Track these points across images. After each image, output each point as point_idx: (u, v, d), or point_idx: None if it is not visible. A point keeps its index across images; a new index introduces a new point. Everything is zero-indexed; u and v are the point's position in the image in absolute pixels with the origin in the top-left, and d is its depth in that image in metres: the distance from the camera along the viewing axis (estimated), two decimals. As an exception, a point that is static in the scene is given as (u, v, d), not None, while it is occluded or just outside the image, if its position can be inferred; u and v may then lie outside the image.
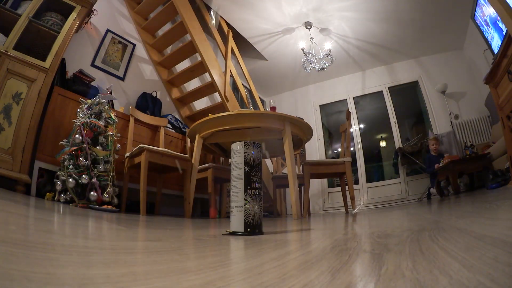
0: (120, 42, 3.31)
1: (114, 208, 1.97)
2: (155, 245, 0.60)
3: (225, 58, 3.74)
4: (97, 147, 2.04)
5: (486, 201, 1.45)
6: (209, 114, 2.29)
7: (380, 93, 5.23)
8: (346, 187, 2.84)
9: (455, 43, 4.55)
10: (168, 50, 3.86)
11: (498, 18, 2.22)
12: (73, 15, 2.32)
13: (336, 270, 0.32)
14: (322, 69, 4.27)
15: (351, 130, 5.07)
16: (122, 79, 3.25)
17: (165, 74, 3.75)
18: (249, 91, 4.63)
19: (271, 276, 0.31)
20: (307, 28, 4.24)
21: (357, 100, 5.49)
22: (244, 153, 0.92)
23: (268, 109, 2.60)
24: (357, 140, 5.18)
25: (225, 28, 4.03)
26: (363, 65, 5.30)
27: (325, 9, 3.92)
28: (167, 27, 3.72)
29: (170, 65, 3.78)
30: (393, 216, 1.50)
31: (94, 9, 2.63)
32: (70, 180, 1.84)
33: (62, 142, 2.00)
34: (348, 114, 2.90)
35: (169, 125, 3.26)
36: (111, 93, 2.38)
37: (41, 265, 0.30)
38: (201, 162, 2.96)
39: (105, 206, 1.92)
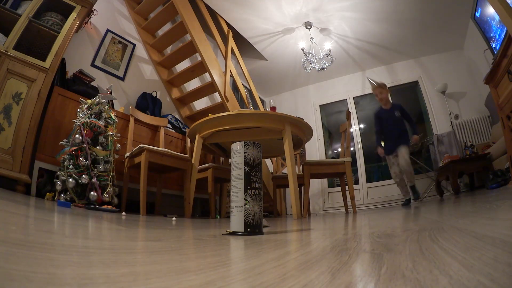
0: (120, 42, 3.31)
1: (114, 208, 1.97)
2: (155, 245, 0.60)
3: (225, 58, 3.74)
4: (97, 147, 2.04)
5: (486, 201, 1.45)
6: (209, 114, 2.29)
7: (380, 93, 5.22)
8: (346, 187, 2.84)
9: (455, 43, 4.55)
10: (168, 50, 3.86)
11: (498, 18, 2.22)
12: (73, 15, 2.32)
13: (336, 270, 0.32)
14: (322, 69, 4.27)
15: (351, 130, 5.07)
16: (122, 79, 3.25)
17: (165, 74, 3.75)
18: (249, 91, 4.63)
19: (271, 276, 0.31)
20: (307, 28, 4.24)
21: (357, 100, 5.49)
22: (244, 153, 0.92)
23: (268, 109, 2.60)
24: (357, 140, 5.18)
25: (225, 28, 4.03)
26: (363, 65, 5.30)
27: (325, 9, 3.92)
28: (167, 27, 3.72)
29: (170, 65, 3.78)
30: (393, 216, 1.50)
31: (94, 9, 2.63)
32: (70, 180, 1.84)
33: (62, 142, 2.00)
34: (348, 114, 2.90)
35: (169, 125, 3.26)
36: (111, 93, 2.38)
37: (41, 265, 0.30)
38: (201, 162, 2.96)
39: (105, 206, 1.92)
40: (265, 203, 3.55)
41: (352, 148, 5.17)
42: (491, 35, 2.70)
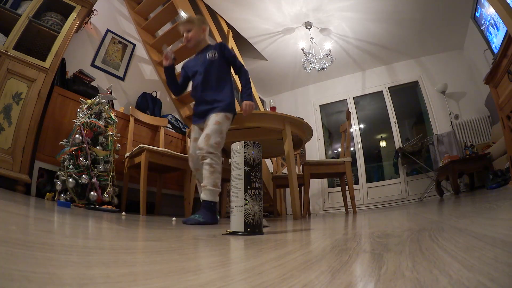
0: (120, 42, 3.31)
1: (114, 208, 1.98)
2: (155, 245, 0.60)
3: (225, 58, 3.74)
4: (97, 147, 2.04)
5: (486, 201, 1.45)
6: (209, 114, 2.29)
7: (380, 93, 5.24)
8: (346, 187, 2.84)
9: (455, 43, 4.55)
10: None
11: (498, 18, 2.22)
12: (73, 15, 2.32)
13: (336, 270, 0.32)
14: (322, 69, 4.27)
15: (351, 130, 5.07)
16: (122, 79, 3.25)
17: (165, 74, 3.75)
18: (249, 91, 4.63)
19: (271, 276, 0.31)
20: (307, 28, 4.24)
21: (357, 100, 5.50)
22: (244, 153, 0.92)
23: (268, 109, 2.60)
24: (357, 140, 5.18)
25: (225, 28, 4.03)
26: (363, 65, 5.30)
27: (325, 9, 3.92)
28: (167, 27, 3.72)
29: (170, 65, 3.77)
30: (393, 216, 1.50)
31: (94, 9, 2.63)
32: (70, 180, 1.84)
33: (62, 142, 2.00)
34: (348, 114, 2.90)
35: (169, 125, 3.26)
36: (111, 93, 2.38)
37: (41, 265, 0.30)
38: (201, 162, 2.95)
39: (105, 206, 1.92)
40: (265, 203, 3.55)
41: (352, 148, 5.17)
42: (481, 22, 2.72)
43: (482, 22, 2.72)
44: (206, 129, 1.69)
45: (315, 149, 5.50)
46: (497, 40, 2.48)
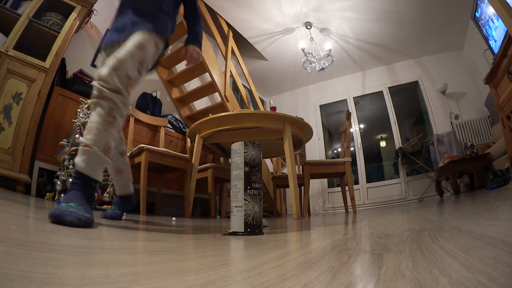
0: (120, 42, 3.31)
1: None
2: (155, 245, 0.60)
3: (225, 58, 3.74)
4: (97, 147, 2.03)
5: (486, 201, 1.45)
6: (209, 114, 2.29)
7: (380, 93, 5.24)
8: (346, 187, 2.84)
9: (455, 43, 4.55)
10: (168, 50, 3.86)
11: (498, 18, 2.22)
12: (73, 15, 2.32)
13: (336, 270, 0.32)
14: (322, 69, 4.27)
15: (351, 130, 5.07)
16: (122, 79, 3.25)
17: (165, 74, 3.75)
18: (249, 91, 4.63)
19: (271, 276, 0.31)
20: (307, 28, 4.24)
21: (357, 100, 5.50)
22: (244, 153, 0.92)
23: (268, 109, 2.60)
24: (357, 140, 5.18)
25: (225, 28, 4.03)
26: (363, 65, 5.30)
27: (325, 9, 3.92)
28: (167, 27, 3.71)
29: (170, 65, 3.78)
30: (393, 216, 1.50)
31: (94, 9, 2.63)
32: (70, 180, 1.84)
33: (62, 142, 2.00)
34: (348, 114, 2.90)
35: (169, 125, 3.26)
36: (111, 93, 2.38)
37: (41, 265, 0.30)
38: (201, 162, 2.96)
39: (105, 206, 1.92)
40: (265, 203, 3.55)
41: (352, 148, 5.17)
42: (482, 17, 2.73)
43: (482, 17, 2.72)
44: (119, 51, 1.11)
45: (315, 149, 5.50)
46: (496, 33, 2.47)
